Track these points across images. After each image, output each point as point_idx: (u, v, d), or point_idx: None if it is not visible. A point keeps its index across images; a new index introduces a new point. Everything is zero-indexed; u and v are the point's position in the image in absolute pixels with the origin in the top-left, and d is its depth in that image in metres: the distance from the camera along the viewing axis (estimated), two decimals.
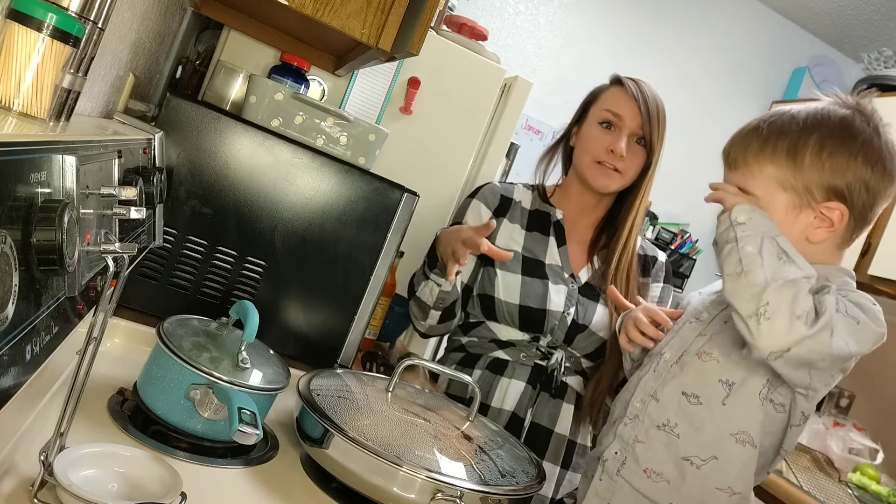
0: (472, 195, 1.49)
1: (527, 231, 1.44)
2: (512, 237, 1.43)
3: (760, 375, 0.97)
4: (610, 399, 1.39)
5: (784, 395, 0.98)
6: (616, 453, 1.07)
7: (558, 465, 1.37)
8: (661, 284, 1.50)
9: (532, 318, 1.36)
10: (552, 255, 1.42)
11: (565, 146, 1.51)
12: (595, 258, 1.44)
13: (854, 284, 1.01)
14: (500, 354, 1.38)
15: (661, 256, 1.53)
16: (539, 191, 1.51)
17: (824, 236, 0.98)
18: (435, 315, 1.38)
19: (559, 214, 1.47)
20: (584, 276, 1.43)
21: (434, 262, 1.34)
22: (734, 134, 1.03)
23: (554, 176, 1.55)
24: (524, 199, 1.48)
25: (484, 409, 1.34)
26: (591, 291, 1.41)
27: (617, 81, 1.42)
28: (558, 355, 1.37)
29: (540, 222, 1.46)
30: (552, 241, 1.44)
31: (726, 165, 1.02)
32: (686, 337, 1.06)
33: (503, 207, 1.46)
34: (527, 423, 1.36)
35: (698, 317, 1.07)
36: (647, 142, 1.37)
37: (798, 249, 0.96)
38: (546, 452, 1.36)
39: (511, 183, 1.52)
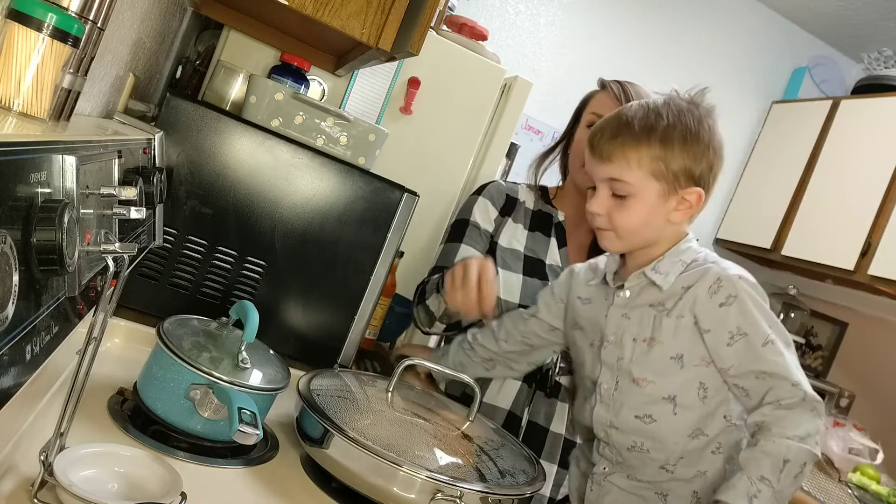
0: (478, 192, 1.49)
1: (529, 231, 1.45)
2: (515, 237, 1.43)
3: (693, 381, 1.06)
4: None
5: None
6: (604, 468, 1.14)
7: (555, 464, 1.37)
8: None
9: None
10: (553, 256, 1.42)
11: (563, 152, 1.52)
12: None
13: (696, 244, 1.11)
14: None
15: None
16: (541, 192, 1.52)
17: (682, 218, 1.09)
18: (440, 326, 1.39)
19: (560, 216, 1.48)
20: None
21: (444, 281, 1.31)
22: (601, 127, 1.09)
23: (547, 179, 1.55)
24: (528, 199, 1.49)
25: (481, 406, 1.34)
26: None
27: (602, 86, 1.44)
28: (554, 356, 1.37)
29: (542, 223, 1.46)
30: (553, 241, 1.44)
31: (597, 157, 1.07)
32: (610, 363, 1.11)
33: (508, 207, 1.46)
34: (524, 422, 1.36)
35: (608, 339, 1.12)
36: None
37: (659, 229, 1.08)
38: (542, 451, 1.36)
39: (514, 182, 1.53)
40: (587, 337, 1.17)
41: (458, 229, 1.45)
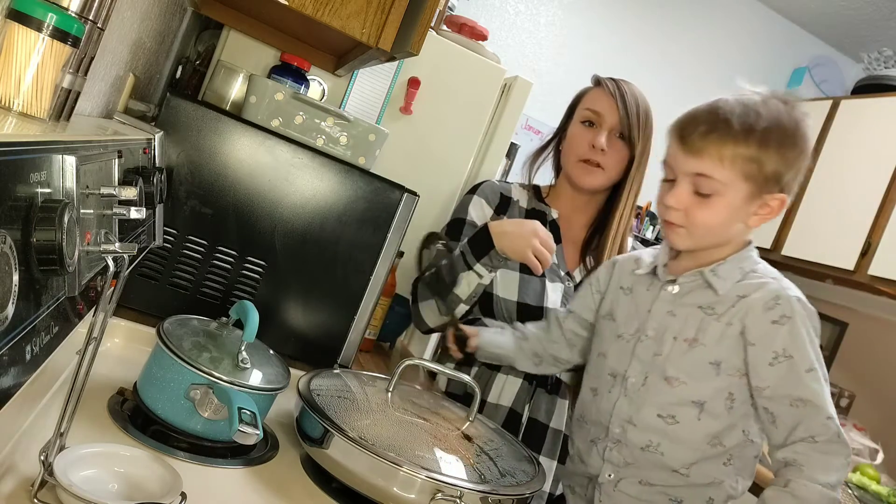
0: (472, 191, 1.49)
1: None
2: None
3: (724, 389, 1.04)
4: None
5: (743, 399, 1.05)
6: (610, 476, 1.11)
7: (555, 460, 1.38)
8: None
9: (530, 315, 1.36)
10: None
11: (556, 149, 1.52)
12: (588, 258, 1.45)
13: (756, 254, 1.09)
14: None
15: None
16: (534, 190, 1.52)
17: (760, 223, 1.05)
18: (463, 310, 1.37)
19: (554, 214, 1.48)
20: (578, 275, 1.44)
21: (482, 253, 1.31)
22: (693, 119, 1.03)
23: (541, 177, 1.55)
24: (521, 198, 1.49)
25: (481, 404, 1.34)
26: None
27: (597, 82, 1.45)
28: None
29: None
30: None
31: (686, 150, 1.02)
32: (644, 359, 1.09)
33: (503, 206, 1.47)
34: (524, 419, 1.37)
35: (646, 333, 1.10)
36: (628, 137, 1.39)
37: (733, 232, 1.05)
38: (543, 447, 1.36)
39: (507, 182, 1.53)
40: (617, 328, 1.15)
41: (456, 228, 1.45)
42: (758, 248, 1.11)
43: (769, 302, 1.01)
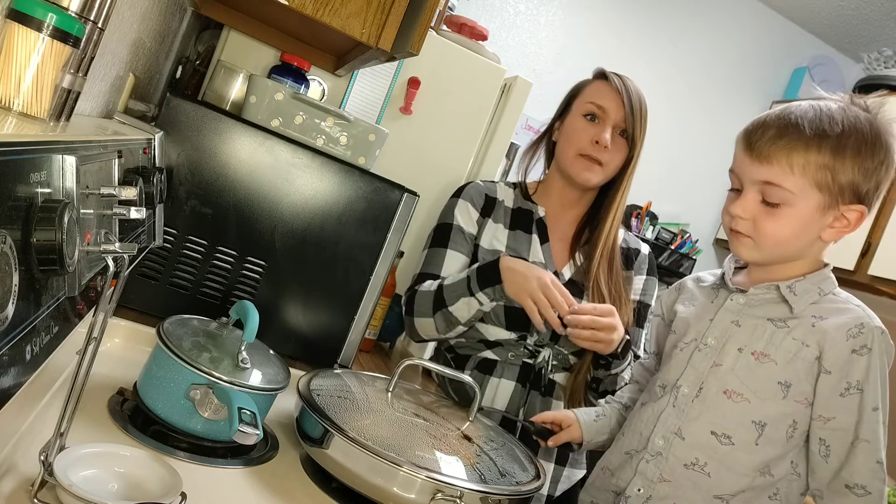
0: (457, 194, 1.48)
1: (510, 230, 1.44)
2: (496, 237, 1.43)
3: (788, 416, 0.99)
4: (591, 393, 1.39)
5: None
6: (639, 490, 1.05)
7: (553, 462, 1.37)
8: (644, 276, 1.50)
9: (518, 317, 1.35)
10: (535, 253, 1.42)
11: (548, 142, 1.51)
12: (577, 254, 1.44)
13: (835, 281, 1.05)
14: (489, 354, 1.38)
15: (644, 248, 1.53)
16: (521, 188, 1.51)
17: (836, 237, 1.00)
18: (460, 331, 1.36)
19: (541, 212, 1.47)
20: (567, 272, 1.43)
21: (487, 283, 1.29)
22: (762, 124, 0.98)
23: (535, 173, 1.55)
24: (506, 197, 1.48)
25: None
26: (575, 288, 1.41)
27: (601, 75, 1.43)
28: (545, 353, 1.37)
29: (522, 220, 1.45)
30: (535, 238, 1.43)
31: (753, 157, 0.97)
32: (700, 368, 1.04)
33: (488, 207, 1.46)
34: (519, 424, 1.36)
35: (705, 342, 1.05)
36: (630, 135, 1.38)
37: (806, 246, 1.01)
38: (539, 449, 1.36)
39: (493, 181, 1.52)
40: (675, 339, 1.10)
41: (442, 233, 1.44)
42: None
43: (853, 329, 0.95)
